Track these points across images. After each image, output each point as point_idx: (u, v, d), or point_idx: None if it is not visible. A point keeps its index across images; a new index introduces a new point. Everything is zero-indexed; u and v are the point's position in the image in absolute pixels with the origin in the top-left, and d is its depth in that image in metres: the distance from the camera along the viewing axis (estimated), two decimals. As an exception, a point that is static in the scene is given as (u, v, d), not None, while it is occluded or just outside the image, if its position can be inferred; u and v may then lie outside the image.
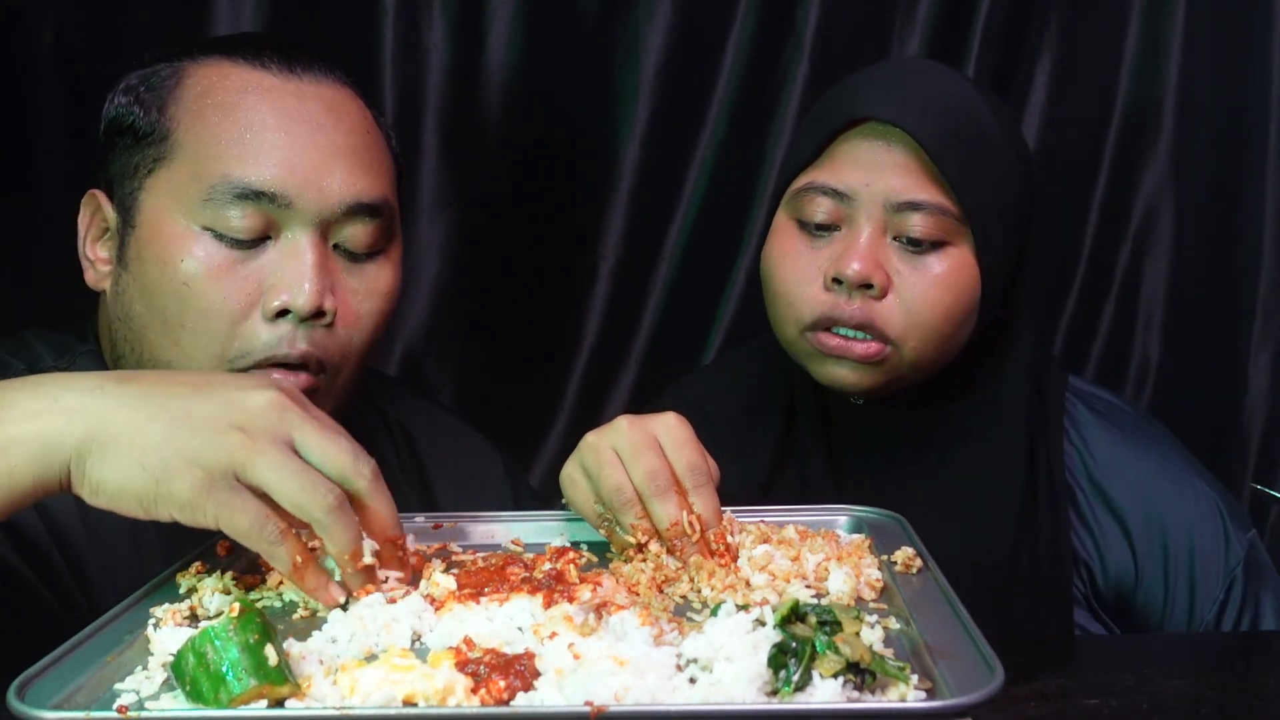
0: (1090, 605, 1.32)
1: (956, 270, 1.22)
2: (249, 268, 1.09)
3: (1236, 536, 1.31)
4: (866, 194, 1.21)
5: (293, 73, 1.14)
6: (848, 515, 1.11)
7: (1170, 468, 1.34)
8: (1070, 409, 1.36)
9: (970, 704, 0.67)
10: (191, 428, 0.83)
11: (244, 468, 0.83)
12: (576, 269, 1.90)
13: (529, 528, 1.10)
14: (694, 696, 0.70)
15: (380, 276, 1.16)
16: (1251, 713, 0.95)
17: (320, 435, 0.86)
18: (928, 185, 1.20)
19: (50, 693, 0.73)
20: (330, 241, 1.12)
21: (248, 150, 1.09)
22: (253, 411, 0.85)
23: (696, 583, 0.93)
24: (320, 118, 1.13)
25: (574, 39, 1.85)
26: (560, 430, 1.91)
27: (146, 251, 1.10)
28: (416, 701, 0.70)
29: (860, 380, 1.24)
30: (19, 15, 1.66)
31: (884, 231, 1.22)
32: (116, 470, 0.83)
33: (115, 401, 0.84)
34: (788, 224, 1.28)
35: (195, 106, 1.11)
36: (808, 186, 1.25)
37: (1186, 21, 1.88)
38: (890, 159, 1.21)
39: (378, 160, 1.17)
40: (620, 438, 0.99)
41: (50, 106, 1.68)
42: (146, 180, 1.11)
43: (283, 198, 1.08)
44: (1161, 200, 1.93)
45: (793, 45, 1.87)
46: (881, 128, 1.21)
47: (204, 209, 1.08)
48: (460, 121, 1.83)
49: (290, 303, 1.07)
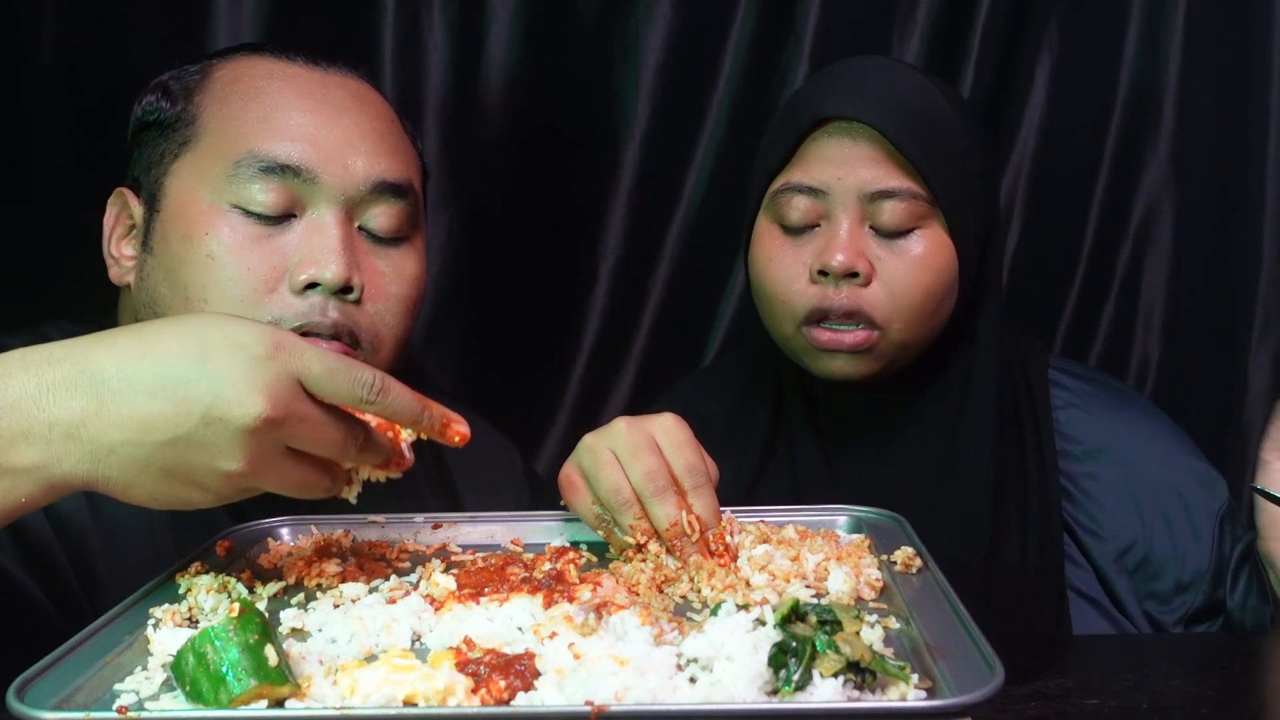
0: (1097, 570, 1.34)
1: (933, 250, 1.27)
2: (274, 243, 1.09)
3: (1218, 480, 1.38)
4: (840, 188, 1.26)
5: (318, 65, 1.16)
6: (847, 515, 1.11)
7: (1148, 418, 1.41)
8: (1054, 378, 1.42)
9: (970, 703, 0.67)
10: (180, 477, 0.82)
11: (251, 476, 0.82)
12: (576, 269, 1.90)
13: (529, 528, 1.10)
14: (694, 696, 0.70)
15: (405, 263, 1.16)
16: (1251, 713, 0.95)
17: (321, 363, 0.83)
18: (896, 173, 1.25)
19: (50, 693, 0.73)
20: (355, 223, 1.13)
21: (273, 127, 1.10)
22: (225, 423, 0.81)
23: (696, 583, 0.93)
24: (345, 102, 1.14)
25: (574, 39, 1.85)
26: (560, 430, 1.91)
27: (172, 232, 1.10)
28: (417, 702, 0.70)
29: (856, 369, 1.29)
30: (19, 15, 1.66)
31: (861, 221, 1.27)
32: (133, 504, 0.84)
33: (101, 449, 0.80)
34: (769, 227, 1.32)
35: (222, 93, 1.13)
36: (783, 188, 1.29)
37: (1186, 21, 1.87)
38: (858, 153, 1.26)
39: (402, 148, 1.18)
40: (618, 439, 0.99)
41: (50, 106, 1.68)
42: (172, 165, 1.12)
43: (307, 172, 1.09)
44: (1161, 200, 1.93)
45: (793, 45, 1.87)
46: (846, 125, 1.26)
47: (229, 185, 1.08)
48: (460, 121, 1.83)
49: (318, 276, 1.08)
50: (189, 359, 0.80)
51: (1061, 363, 1.46)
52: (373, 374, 0.85)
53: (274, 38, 1.70)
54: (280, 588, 0.94)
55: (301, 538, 1.07)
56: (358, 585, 0.93)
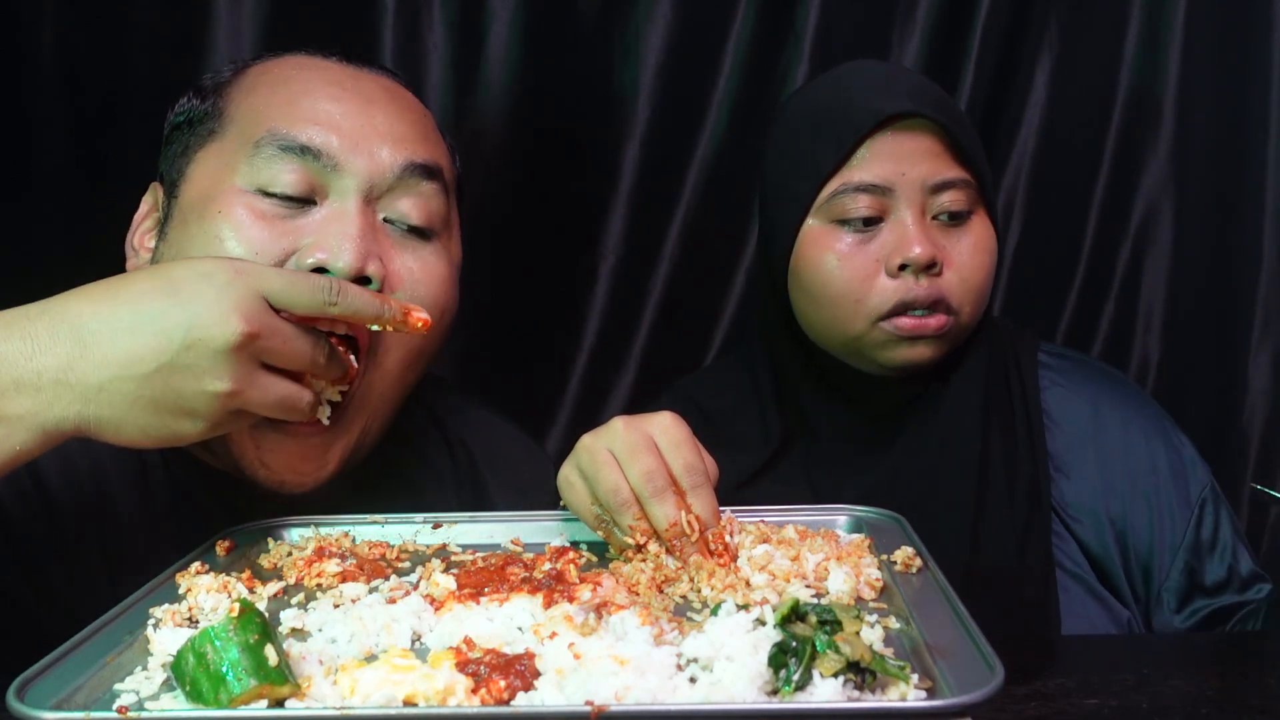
0: (1083, 546, 1.36)
1: (985, 234, 1.34)
2: (288, 225, 1.06)
3: (1198, 463, 1.40)
4: (903, 183, 1.30)
5: (351, 62, 1.16)
6: (848, 515, 1.11)
7: (1130, 397, 1.44)
8: (1042, 360, 1.45)
9: (970, 703, 0.67)
10: (169, 407, 0.87)
11: (233, 397, 0.88)
12: (576, 269, 1.90)
13: (529, 528, 1.10)
14: (694, 696, 0.70)
15: (434, 260, 1.12)
16: (1251, 713, 0.95)
17: (281, 278, 0.90)
18: (952, 164, 1.31)
19: (50, 693, 0.73)
20: (381, 214, 1.09)
21: (299, 111, 1.09)
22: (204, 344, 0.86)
23: (696, 583, 0.93)
24: (375, 95, 1.13)
25: (574, 39, 1.85)
26: (560, 430, 1.91)
27: (190, 215, 1.08)
28: (417, 702, 0.70)
29: (934, 354, 1.33)
30: (19, 15, 1.66)
31: (924, 213, 1.31)
32: (123, 441, 0.88)
33: (90, 389, 0.85)
34: (827, 229, 1.32)
35: (251, 84, 1.13)
36: (842, 189, 1.30)
37: (1186, 21, 1.88)
38: (915, 147, 1.30)
39: (435, 137, 1.17)
40: (616, 439, 0.99)
41: (50, 107, 1.68)
42: (197, 154, 1.11)
43: (329, 158, 1.07)
44: (1161, 199, 1.93)
45: (793, 45, 1.87)
46: (902, 122, 1.30)
47: (250, 165, 1.07)
48: (460, 122, 1.83)
49: (328, 262, 1.03)
50: (160, 294, 0.86)
51: (1049, 347, 1.49)
52: (328, 279, 0.92)
53: (274, 38, 1.70)
54: (280, 588, 0.94)
55: (301, 538, 1.07)
56: (358, 585, 0.93)
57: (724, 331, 1.93)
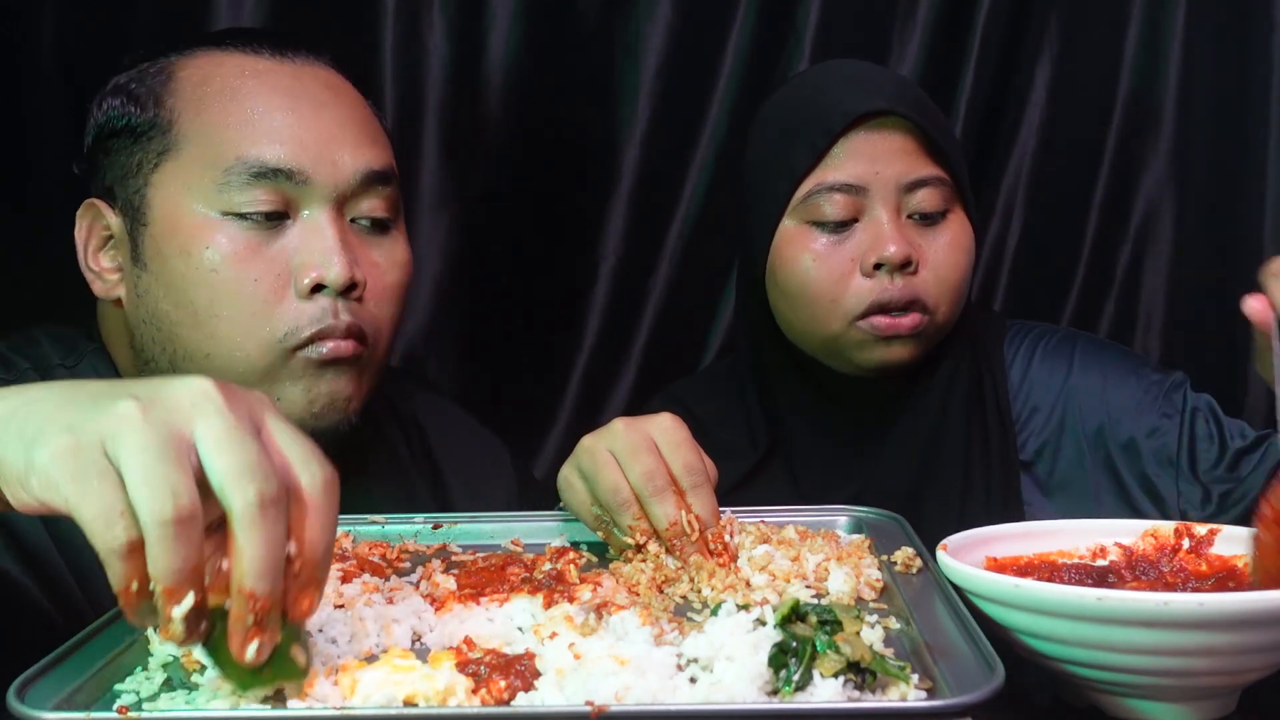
0: None
1: (962, 232, 1.34)
2: (273, 248, 1.09)
3: (1173, 393, 1.38)
4: (878, 181, 1.29)
5: (285, 56, 1.15)
6: (848, 515, 1.11)
7: (1090, 355, 1.42)
8: (1013, 342, 1.45)
9: (971, 703, 0.67)
10: (86, 396, 0.69)
11: (110, 438, 0.65)
12: (576, 269, 1.90)
13: (529, 528, 1.10)
14: (695, 696, 0.70)
15: (396, 249, 1.18)
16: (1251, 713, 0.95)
17: (226, 434, 0.66)
18: (927, 162, 1.30)
19: (50, 693, 0.73)
20: (347, 216, 1.13)
21: (259, 131, 1.09)
22: (167, 390, 0.68)
23: (696, 583, 0.93)
24: (321, 95, 1.14)
25: (574, 39, 1.85)
26: (560, 430, 1.91)
27: (167, 247, 1.09)
28: (417, 702, 0.70)
29: (910, 354, 1.32)
30: (19, 15, 1.66)
31: (899, 212, 1.30)
32: (2, 447, 0.68)
33: (33, 391, 0.72)
34: (802, 229, 1.32)
35: (195, 95, 1.11)
36: (817, 189, 1.30)
37: (1186, 21, 1.87)
38: (889, 146, 1.30)
39: (379, 134, 1.19)
40: (616, 439, 0.99)
41: (50, 107, 1.68)
42: (153, 175, 1.10)
43: (299, 174, 1.09)
44: (1162, 199, 1.93)
45: (793, 45, 1.87)
46: (876, 120, 1.29)
47: (221, 194, 1.08)
48: (460, 121, 1.83)
49: (324, 278, 1.08)
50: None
51: (1012, 324, 1.49)
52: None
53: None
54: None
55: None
56: (358, 585, 0.93)
57: (724, 332, 1.93)
